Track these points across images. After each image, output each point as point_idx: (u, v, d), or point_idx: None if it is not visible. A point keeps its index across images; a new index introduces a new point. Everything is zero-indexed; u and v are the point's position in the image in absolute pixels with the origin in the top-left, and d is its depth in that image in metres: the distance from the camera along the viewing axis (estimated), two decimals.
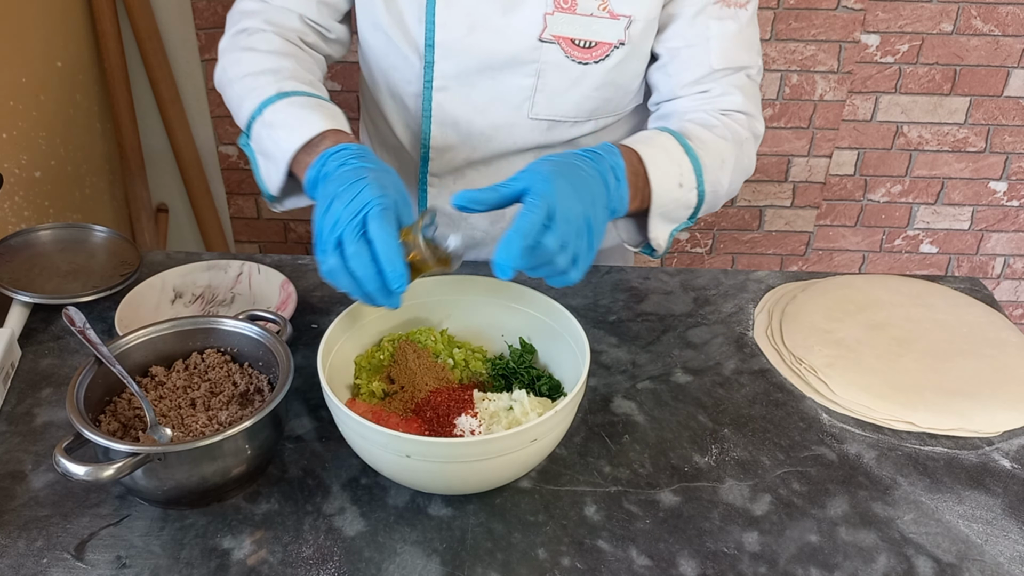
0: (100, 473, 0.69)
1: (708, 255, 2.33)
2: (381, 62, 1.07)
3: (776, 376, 0.97)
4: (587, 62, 1.02)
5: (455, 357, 0.89)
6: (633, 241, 1.02)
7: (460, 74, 1.03)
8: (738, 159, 1.03)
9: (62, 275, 1.04)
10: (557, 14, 0.99)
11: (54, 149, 1.60)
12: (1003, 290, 2.40)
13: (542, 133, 1.08)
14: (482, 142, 1.08)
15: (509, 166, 1.11)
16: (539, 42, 1.00)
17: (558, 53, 1.01)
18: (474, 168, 1.11)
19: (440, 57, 1.02)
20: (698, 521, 0.78)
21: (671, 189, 0.94)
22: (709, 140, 0.99)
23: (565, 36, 1.00)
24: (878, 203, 2.25)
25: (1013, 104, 2.10)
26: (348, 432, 0.77)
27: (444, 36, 1.00)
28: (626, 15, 0.99)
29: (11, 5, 1.46)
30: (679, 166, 0.95)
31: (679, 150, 0.96)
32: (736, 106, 1.04)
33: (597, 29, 1.00)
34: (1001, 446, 0.88)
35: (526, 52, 1.01)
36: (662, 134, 0.97)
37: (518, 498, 0.80)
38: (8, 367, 0.92)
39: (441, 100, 1.05)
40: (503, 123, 1.07)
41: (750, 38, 1.05)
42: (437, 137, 1.08)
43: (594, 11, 0.99)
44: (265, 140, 0.93)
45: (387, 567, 0.73)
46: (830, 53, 2.02)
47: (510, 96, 1.04)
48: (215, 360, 0.87)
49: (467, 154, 1.10)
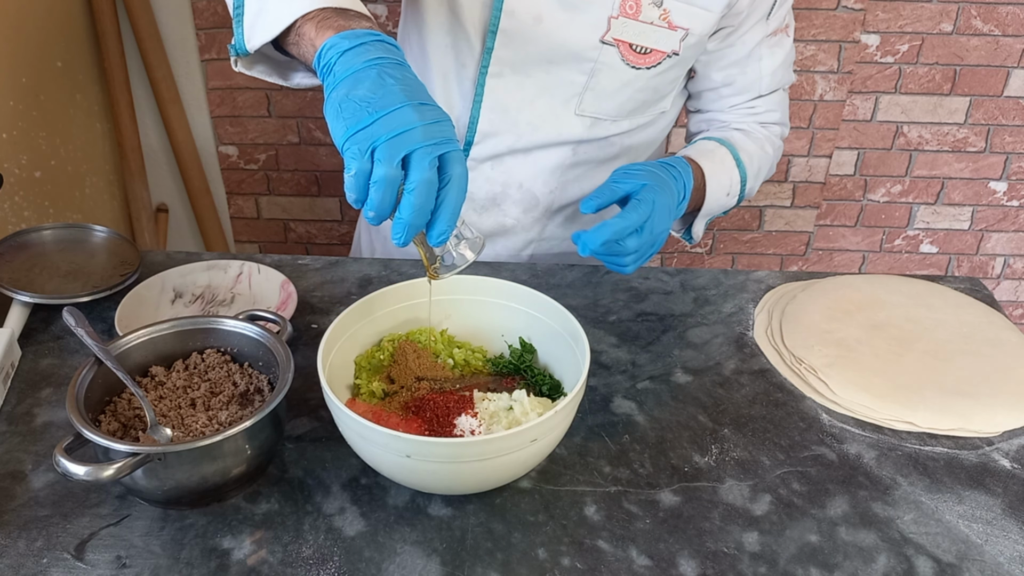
0: (100, 473, 0.69)
1: (708, 255, 2.33)
2: (439, 40, 1.07)
3: (776, 376, 0.97)
4: (640, 67, 1.05)
5: (455, 357, 0.89)
6: (676, 229, 1.18)
7: (516, 63, 1.05)
8: (771, 167, 1.20)
9: (62, 275, 1.04)
10: (621, 19, 1.01)
11: (54, 149, 1.60)
12: (1003, 290, 2.40)
13: (585, 129, 1.11)
14: (528, 131, 1.10)
15: (547, 157, 1.13)
16: (600, 43, 1.03)
17: (615, 56, 1.04)
18: (513, 156, 1.13)
19: (501, 44, 1.03)
20: (698, 521, 0.78)
21: (720, 198, 1.11)
22: (754, 152, 1.15)
23: (625, 40, 1.03)
24: (878, 203, 2.25)
25: (1013, 104, 2.10)
26: (348, 432, 0.77)
27: (509, 23, 1.01)
28: (684, 28, 1.04)
29: (11, 5, 1.46)
30: (730, 178, 1.11)
31: (732, 163, 1.12)
32: (775, 119, 1.19)
33: (655, 38, 1.03)
34: (1001, 446, 0.88)
35: (586, 51, 1.03)
36: (721, 147, 1.12)
37: (518, 498, 0.80)
38: (8, 367, 0.92)
39: (493, 86, 1.07)
40: (550, 115, 1.09)
41: (790, 57, 1.17)
42: (485, 122, 1.09)
43: (655, 20, 1.02)
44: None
45: (387, 567, 0.73)
46: (830, 53, 2.02)
47: (560, 90, 1.07)
48: (215, 360, 0.87)
49: (511, 142, 1.11)
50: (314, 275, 1.11)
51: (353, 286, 1.09)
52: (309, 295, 1.07)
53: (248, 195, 2.19)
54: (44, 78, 1.58)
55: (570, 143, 1.12)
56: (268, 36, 0.81)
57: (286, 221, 2.24)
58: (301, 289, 1.07)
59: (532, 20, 1.01)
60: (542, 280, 1.12)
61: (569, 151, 1.13)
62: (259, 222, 2.24)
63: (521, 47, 1.03)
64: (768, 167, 1.19)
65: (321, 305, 1.05)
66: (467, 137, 1.12)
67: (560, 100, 1.08)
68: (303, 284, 1.08)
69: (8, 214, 1.43)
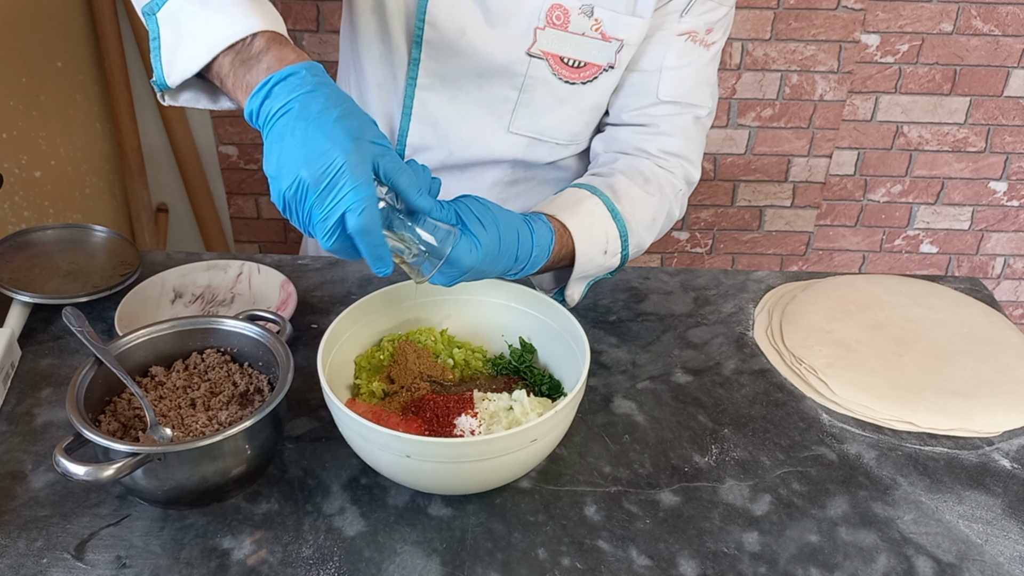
0: (100, 473, 0.69)
1: (708, 255, 2.33)
2: (372, 48, 1.05)
3: (776, 376, 0.97)
4: (574, 82, 1.01)
5: (455, 357, 0.89)
6: (547, 288, 1.01)
7: (447, 75, 1.02)
8: (669, 212, 1.03)
9: (62, 275, 1.04)
10: (549, 30, 0.97)
11: (54, 149, 1.60)
12: (1003, 290, 2.40)
13: (521, 149, 1.07)
14: (459, 147, 1.07)
15: (484, 175, 1.10)
16: (528, 56, 0.99)
17: (545, 70, 1.00)
18: (449, 172, 1.10)
19: (428, 55, 1.00)
20: (698, 521, 0.78)
21: (595, 257, 0.94)
22: (639, 199, 0.98)
23: (554, 53, 0.99)
24: (878, 203, 2.25)
25: (1013, 104, 2.10)
26: (348, 432, 0.77)
27: (433, 35, 0.99)
28: (618, 39, 0.98)
29: (11, 5, 1.46)
30: (605, 233, 0.94)
31: (606, 216, 0.95)
32: (674, 149, 1.03)
33: (587, 50, 0.99)
34: (1001, 446, 0.88)
35: (514, 64, 0.99)
36: (591, 198, 0.95)
37: (518, 498, 0.80)
38: (8, 367, 0.92)
39: (423, 98, 1.04)
40: (482, 132, 1.05)
41: (706, 77, 1.04)
42: (415, 135, 1.07)
43: (587, 31, 0.98)
44: (188, 19, 0.75)
45: (387, 567, 0.73)
46: (830, 53, 2.02)
47: (492, 106, 1.03)
48: (215, 360, 0.87)
49: (443, 157, 1.08)
50: (314, 275, 1.11)
51: (353, 286, 1.09)
52: (309, 295, 1.07)
53: (248, 195, 2.19)
54: (44, 78, 1.58)
55: (505, 162, 1.09)
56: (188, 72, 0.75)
57: (286, 221, 2.24)
58: (301, 289, 1.07)
59: (456, 32, 0.98)
60: None
61: (506, 169, 1.09)
62: (259, 222, 2.24)
63: (448, 59, 1.00)
64: (668, 213, 1.03)
65: (321, 305, 1.05)
66: (397, 150, 1.07)
67: (493, 116, 1.04)
68: (303, 284, 1.08)
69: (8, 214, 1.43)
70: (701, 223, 2.27)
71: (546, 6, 0.96)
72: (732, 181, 2.20)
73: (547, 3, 0.96)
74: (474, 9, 0.97)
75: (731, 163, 2.17)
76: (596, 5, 0.96)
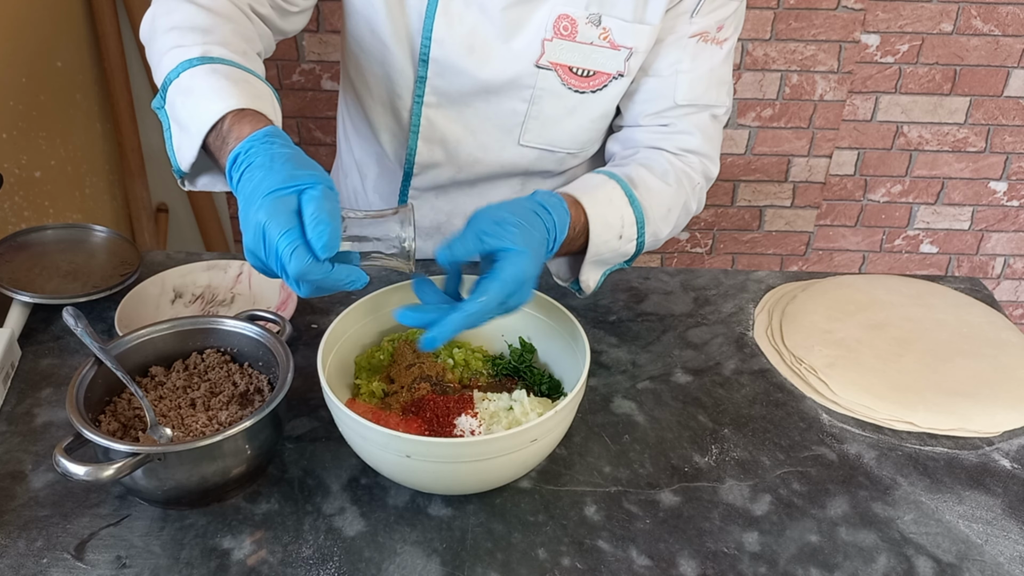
0: (100, 473, 0.69)
1: (708, 255, 2.34)
2: (375, 69, 1.03)
3: (776, 376, 0.97)
4: (584, 91, 1.00)
5: (455, 357, 0.89)
6: (564, 277, 1.00)
7: (453, 93, 1.01)
8: (685, 205, 1.02)
9: (62, 275, 1.04)
10: (556, 41, 0.97)
11: (54, 149, 1.60)
12: (1003, 290, 2.40)
13: (531, 161, 1.06)
14: (469, 163, 1.06)
15: (494, 189, 1.09)
16: (536, 68, 0.98)
17: (554, 80, 0.99)
18: (458, 187, 1.09)
19: (434, 74, 0.99)
20: (698, 521, 0.78)
21: (610, 240, 0.92)
22: (656, 188, 0.97)
23: (563, 63, 0.98)
24: (878, 203, 2.25)
25: (1013, 104, 2.11)
26: (348, 432, 0.77)
27: (439, 52, 0.97)
28: (627, 47, 0.98)
29: (11, 5, 1.46)
30: (621, 218, 0.93)
31: (623, 201, 0.94)
32: (693, 147, 1.02)
33: (596, 59, 0.98)
34: (1001, 446, 0.88)
35: (522, 77, 0.99)
36: (609, 182, 0.94)
37: (518, 498, 0.80)
38: (8, 367, 0.92)
39: (431, 116, 1.03)
40: (492, 146, 1.05)
41: (721, 76, 1.03)
42: (423, 153, 1.06)
43: (595, 40, 0.97)
44: (180, 109, 0.80)
45: (387, 567, 0.73)
46: (830, 53, 2.02)
47: (502, 120, 1.02)
48: (215, 360, 0.87)
49: (452, 173, 1.08)
50: None
51: None
52: None
53: None
54: (44, 78, 1.58)
55: (516, 175, 1.08)
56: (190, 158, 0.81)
57: None
58: None
59: (464, 49, 0.97)
60: (542, 280, 1.12)
61: (517, 183, 1.09)
62: None
63: (455, 76, 0.99)
64: (684, 205, 1.01)
65: (321, 305, 1.05)
66: (406, 169, 1.08)
67: (503, 130, 1.03)
68: None
69: (8, 214, 1.43)
70: (701, 223, 2.27)
71: (553, 17, 0.96)
72: (732, 181, 2.20)
73: (554, 14, 0.95)
74: (481, 25, 0.96)
75: (731, 163, 2.17)
76: (604, 14, 0.96)
